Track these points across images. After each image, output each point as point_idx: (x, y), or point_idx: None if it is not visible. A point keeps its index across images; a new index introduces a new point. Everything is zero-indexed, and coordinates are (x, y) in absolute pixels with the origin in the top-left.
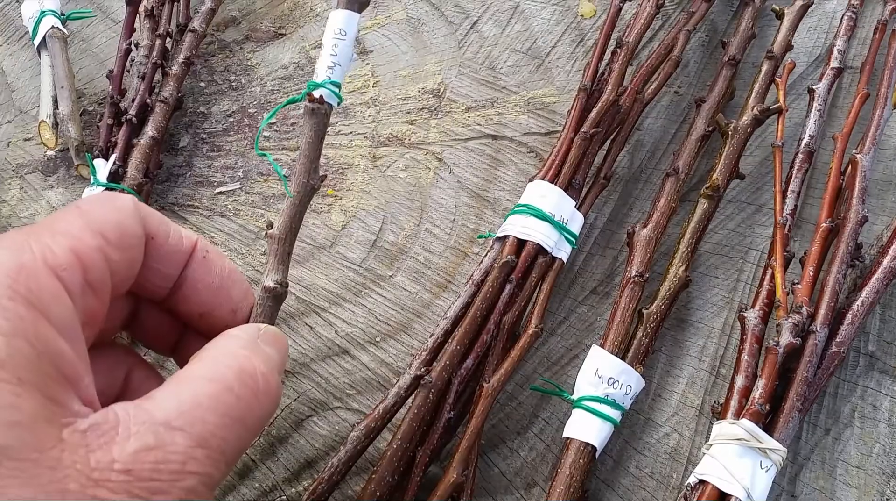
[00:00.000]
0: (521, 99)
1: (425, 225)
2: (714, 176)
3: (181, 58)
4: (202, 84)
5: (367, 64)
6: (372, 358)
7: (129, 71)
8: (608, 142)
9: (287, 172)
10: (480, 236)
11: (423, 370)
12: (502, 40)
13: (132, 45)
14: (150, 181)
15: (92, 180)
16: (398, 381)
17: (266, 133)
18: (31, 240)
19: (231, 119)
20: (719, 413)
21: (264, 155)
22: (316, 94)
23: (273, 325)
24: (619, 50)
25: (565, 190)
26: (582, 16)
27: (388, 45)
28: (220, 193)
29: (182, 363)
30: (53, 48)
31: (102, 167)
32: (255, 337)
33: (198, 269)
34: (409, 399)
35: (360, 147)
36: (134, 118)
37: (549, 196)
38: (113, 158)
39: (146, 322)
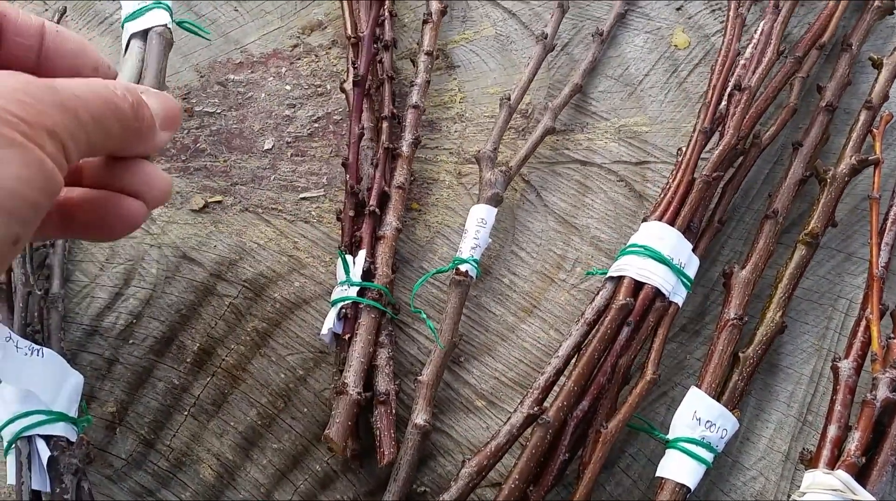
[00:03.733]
0: (611, 126)
1: (510, 247)
2: (812, 223)
3: (409, 137)
4: (287, 87)
5: (454, 79)
6: (455, 378)
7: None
8: (721, 185)
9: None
10: (589, 273)
11: (535, 408)
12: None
13: (363, 129)
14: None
15: (345, 278)
16: (510, 418)
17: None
18: None
19: (316, 124)
20: (809, 461)
21: (419, 312)
22: (462, 268)
23: (418, 458)
24: (737, 93)
25: (683, 233)
26: (675, 46)
27: (475, 62)
28: (303, 198)
29: None
30: (155, 48)
31: (355, 264)
32: (136, 87)
33: (55, 39)
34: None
35: (445, 163)
36: (376, 209)
37: (668, 239)
38: (363, 254)
39: None
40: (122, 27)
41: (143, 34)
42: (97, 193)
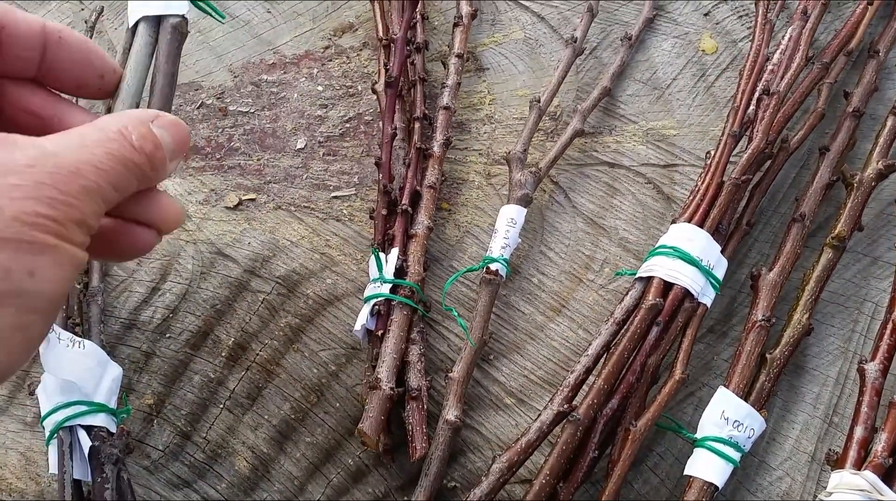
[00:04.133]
0: (639, 129)
1: (539, 247)
2: (839, 227)
3: (440, 138)
4: (319, 88)
5: (484, 81)
6: (484, 375)
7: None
8: (749, 188)
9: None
10: (618, 274)
11: (565, 406)
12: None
13: (395, 129)
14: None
15: (378, 275)
16: (540, 416)
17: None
18: None
19: (348, 125)
20: (835, 462)
21: (450, 310)
22: (493, 267)
23: (448, 453)
24: (765, 97)
25: (712, 235)
26: (703, 51)
27: (504, 64)
28: (335, 197)
29: None
30: (168, 47)
31: (388, 262)
32: (149, 119)
33: (57, 48)
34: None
35: (475, 163)
36: (409, 208)
37: (697, 240)
38: (395, 252)
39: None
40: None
41: (155, 22)
42: (109, 222)
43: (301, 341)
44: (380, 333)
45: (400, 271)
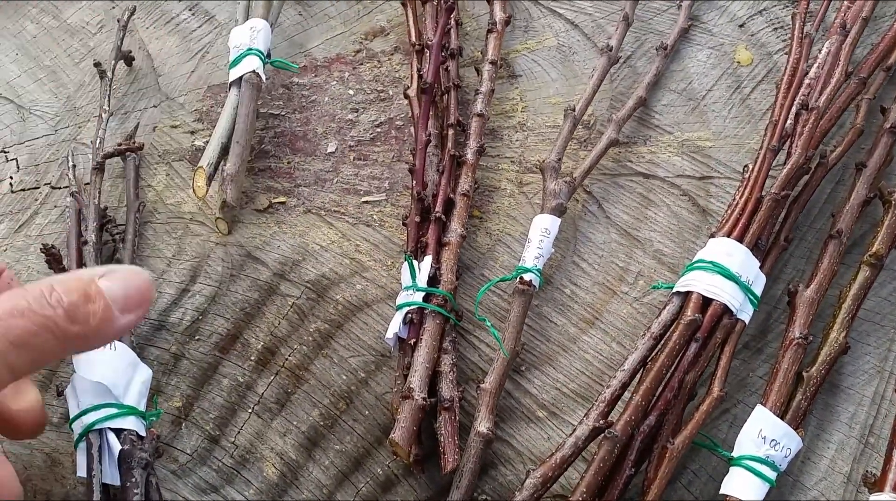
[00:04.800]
0: (674, 139)
1: (572, 257)
2: (876, 245)
3: (473, 145)
4: (350, 91)
5: (516, 88)
6: (516, 387)
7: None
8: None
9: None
10: (655, 287)
11: (601, 421)
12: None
13: (429, 136)
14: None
15: (411, 283)
16: (575, 431)
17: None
18: None
19: (379, 129)
20: (873, 484)
21: (483, 320)
22: (526, 277)
23: (480, 466)
24: (804, 112)
25: (751, 250)
26: (738, 62)
27: (537, 71)
28: (365, 202)
29: None
30: (245, 95)
31: (421, 270)
32: (93, 274)
33: None
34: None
35: (506, 171)
36: (442, 216)
37: (736, 255)
38: (429, 260)
39: None
40: (228, 73)
41: (239, 81)
42: None
43: (330, 346)
44: (412, 341)
45: (432, 280)
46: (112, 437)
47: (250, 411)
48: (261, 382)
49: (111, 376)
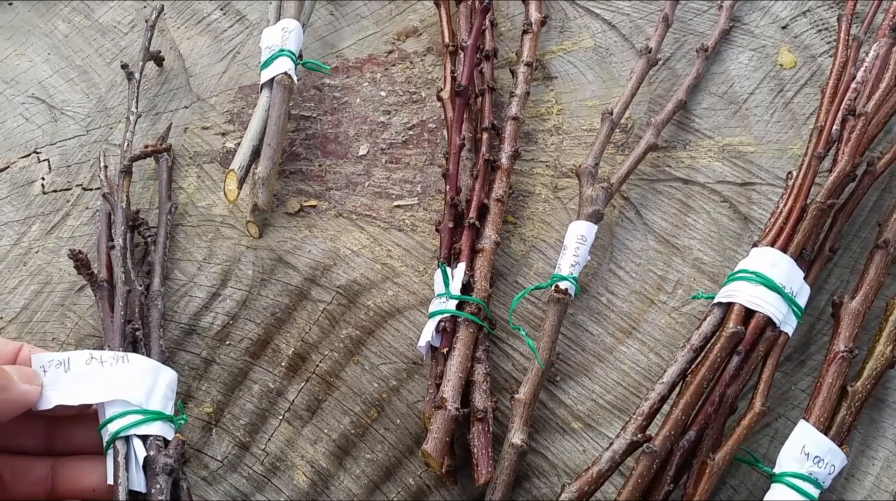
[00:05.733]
0: (715, 144)
1: (608, 265)
2: None
3: (508, 149)
4: (382, 93)
5: (551, 90)
6: (550, 397)
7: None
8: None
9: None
10: (695, 297)
11: (639, 435)
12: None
13: (464, 140)
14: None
15: (444, 290)
16: (612, 444)
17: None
18: None
19: (411, 132)
20: None
21: (518, 329)
22: (562, 285)
23: (513, 478)
24: (851, 118)
25: (795, 261)
26: (781, 65)
27: (573, 73)
28: (398, 206)
29: None
30: (276, 97)
31: (454, 277)
32: None
33: None
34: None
35: (541, 176)
36: (476, 222)
37: (780, 266)
38: (462, 267)
39: None
40: (259, 74)
41: (270, 83)
42: None
43: (361, 353)
44: (445, 350)
45: (466, 287)
46: (138, 443)
47: (281, 417)
48: (291, 388)
49: (127, 389)
